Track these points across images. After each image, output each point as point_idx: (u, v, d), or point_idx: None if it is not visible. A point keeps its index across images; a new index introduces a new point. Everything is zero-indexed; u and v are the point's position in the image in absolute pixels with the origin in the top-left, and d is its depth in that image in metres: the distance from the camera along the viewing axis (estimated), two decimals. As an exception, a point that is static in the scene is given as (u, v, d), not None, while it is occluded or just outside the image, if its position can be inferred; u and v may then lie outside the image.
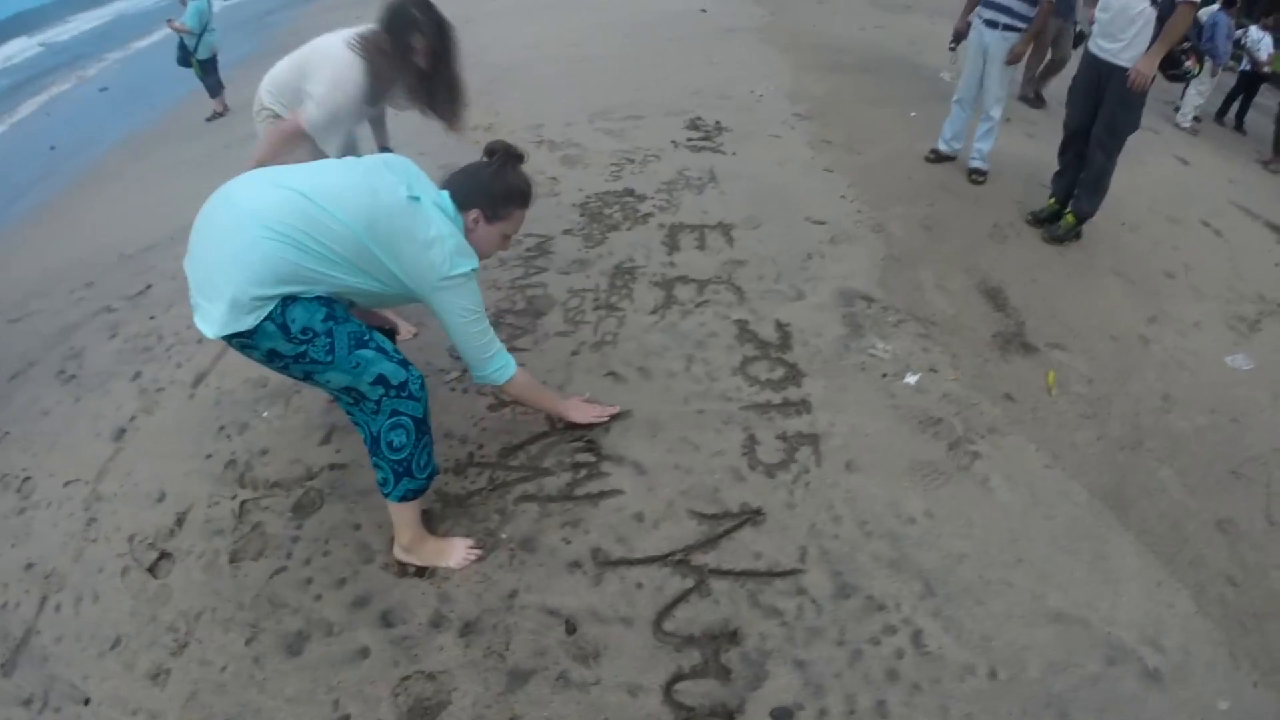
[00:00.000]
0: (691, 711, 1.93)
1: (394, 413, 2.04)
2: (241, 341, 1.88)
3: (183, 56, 8.80)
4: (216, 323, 1.83)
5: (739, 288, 3.58)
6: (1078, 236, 4.66)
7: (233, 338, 1.87)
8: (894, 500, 2.56)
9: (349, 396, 2.05)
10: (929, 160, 5.48)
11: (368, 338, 2.01)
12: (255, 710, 1.97)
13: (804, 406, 2.89)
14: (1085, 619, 2.31)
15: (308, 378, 2.00)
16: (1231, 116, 10.12)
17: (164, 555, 2.38)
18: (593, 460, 2.59)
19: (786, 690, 1.99)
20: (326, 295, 1.96)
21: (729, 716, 1.93)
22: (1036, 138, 6.30)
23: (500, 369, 2.25)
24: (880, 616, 2.19)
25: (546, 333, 3.25)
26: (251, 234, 1.82)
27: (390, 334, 2.68)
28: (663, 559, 2.28)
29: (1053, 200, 4.79)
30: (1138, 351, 3.78)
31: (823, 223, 4.29)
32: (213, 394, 3.05)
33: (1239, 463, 3.24)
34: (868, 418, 2.89)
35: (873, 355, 3.23)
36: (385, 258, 1.96)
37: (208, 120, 8.69)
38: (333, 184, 1.94)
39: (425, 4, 2.73)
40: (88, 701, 2.03)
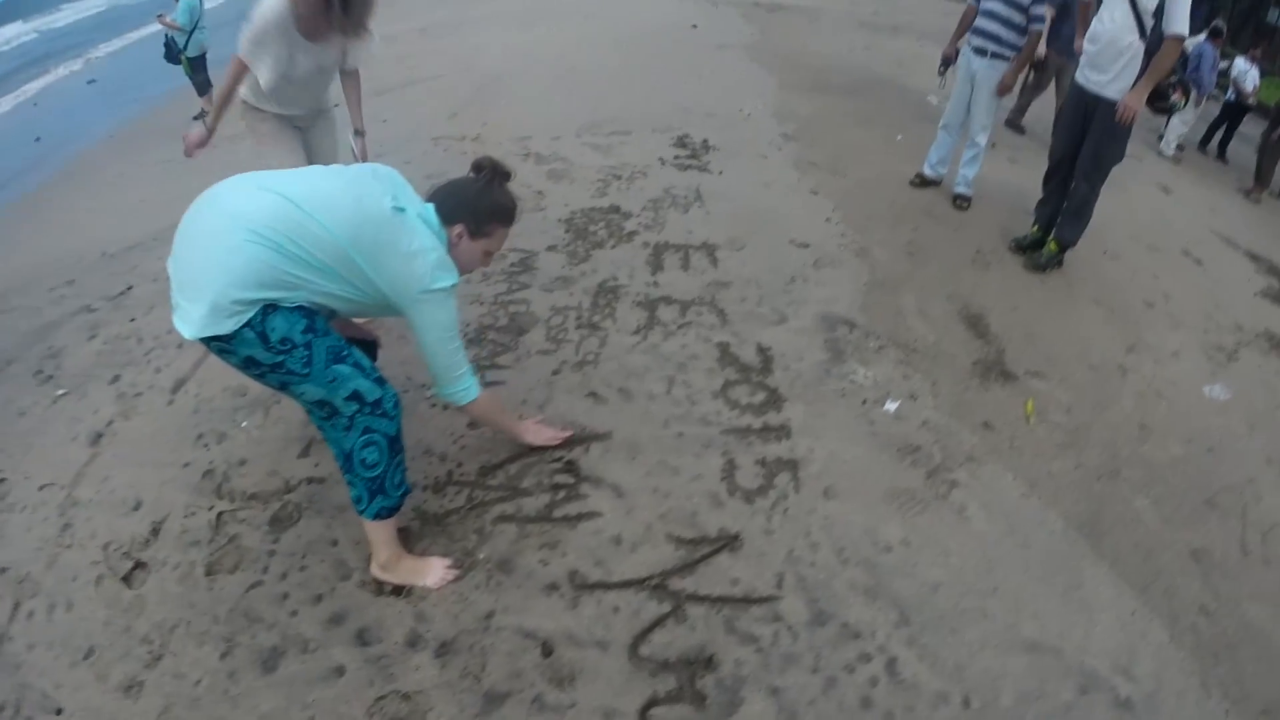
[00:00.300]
0: (666, 737, 1.93)
1: (367, 430, 2.05)
2: (220, 345, 1.88)
3: (170, 53, 8.70)
4: (195, 324, 1.82)
5: (722, 310, 3.60)
6: (1059, 264, 4.70)
7: (211, 341, 1.86)
8: (871, 528, 2.58)
9: (322, 410, 2.04)
10: (914, 185, 5.52)
11: (345, 353, 2.01)
12: (228, 726, 1.96)
13: (784, 432, 2.91)
14: (1059, 648, 2.33)
15: (283, 387, 2.00)
16: (1214, 146, 10.25)
17: (139, 565, 2.35)
18: (572, 482, 2.59)
19: (761, 717, 2.00)
20: (307, 305, 1.95)
21: (704, 743, 1.93)
22: (1020, 163, 6.37)
23: (465, 389, 2.24)
24: (855, 644, 2.21)
25: (528, 350, 3.24)
26: (235, 237, 1.82)
27: (372, 346, 2.68)
28: (640, 583, 2.28)
29: (1036, 228, 4.84)
30: (1116, 380, 3.82)
31: (807, 245, 4.32)
32: (192, 401, 3.02)
33: (1214, 492, 3.27)
34: (847, 444, 2.91)
35: (853, 381, 3.25)
36: (367, 267, 1.96)
37: (195, 118, 8.53)
38: (320, 191, 1.94)
39: None
40: (60, 711, 2.00)
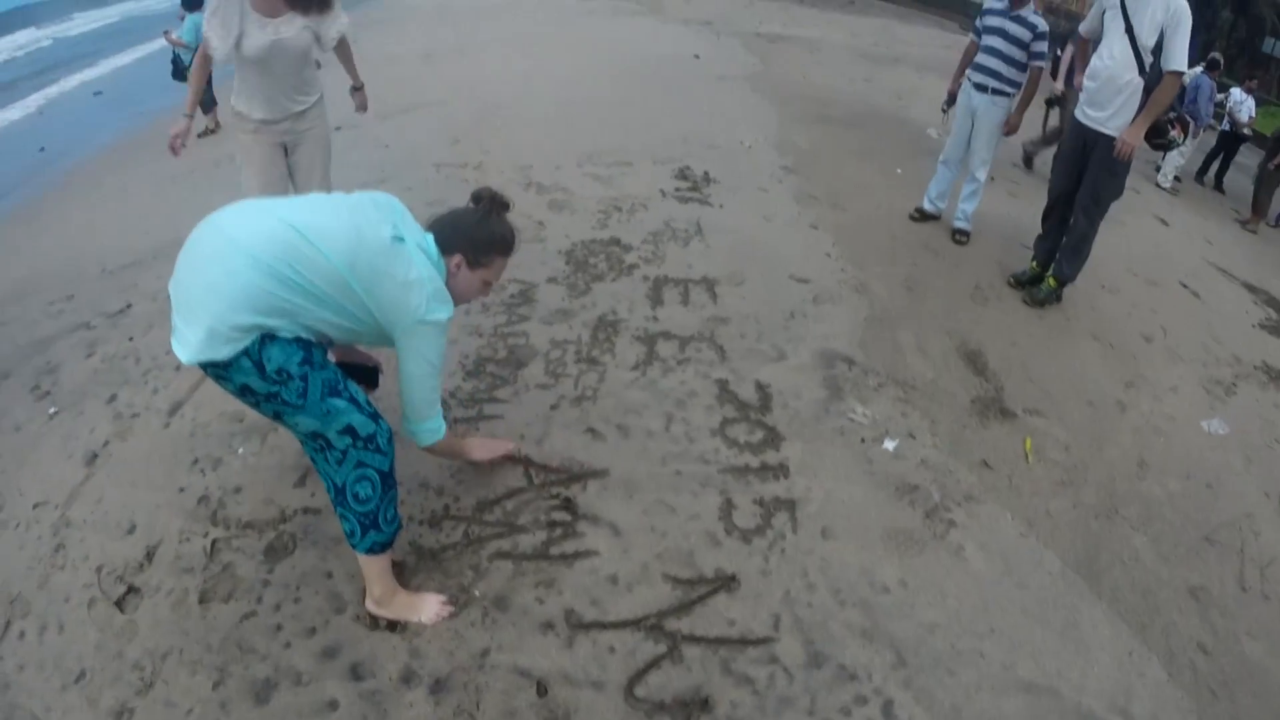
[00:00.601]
0: (661, 781, 1.92)
1: (360, 464, 2.05)
2: (216, 371, 1.89)
3: (176, 70, 8.73)
4: (192, 348, 1.83)
5: (721, 346, 3.61)
6: (1058, 299, 4.72)
7: (208, 366, 1.87)
8: (868, 568, 2.57)
9: (316, 442, 2.04)
10: (913, 219, 5.56)
11: (341, 387, 2.02)
12: (220, 760, 1.94)
13: (782, 471, 2.91)
14: (1056, 689, 2.32)
15: (277, 417, 2.00)
16: (1211, 176, 10.33)
17: (132, 589, 2.34)
18: (569, 519, 2.58)
19: (756, 761, 1.99)
20: (305, 335, 1.96)
21: (699, 786, 1.92)
22: (1019, 197, 6.41)
23: (434, 430, 2.24)
24: (852, 686, 2.20)
25: (527, 384, 3.24)
26: (235, 262, 1.83)
27: (374, 372, 2.69)
28: (636, 623, 2.27)
29: (1035, 263, 4.86)
30: (1114, 417, 3.83)
31: (806, 281, 4.34)
32: (188, 425, 3.01)
33: (1212, 528, 3.28)
34: (845, 484, 2.91)
35: (851, 419, 3.25)
36: (364, 295, 1.97)
37: (199, 136, 8.57)
38: (320, 219, 1.95)
39: None
40: (49, 734, 2.00)
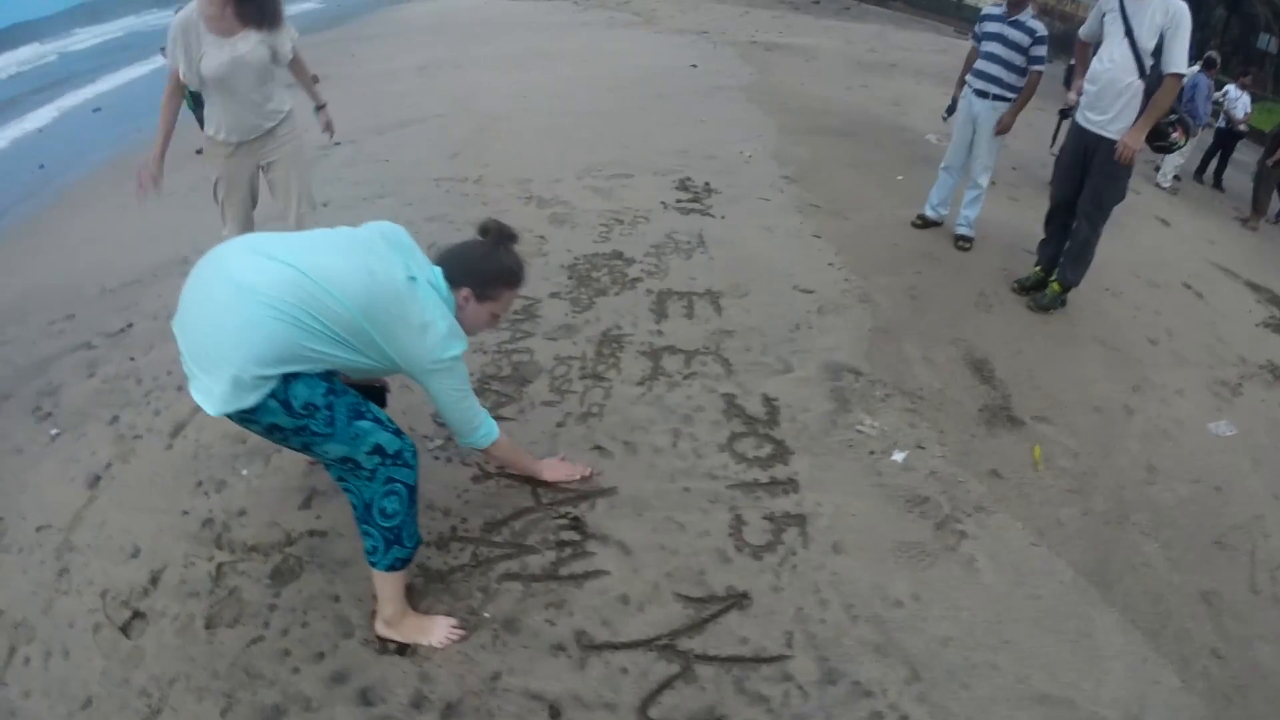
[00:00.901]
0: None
1: (389, 480, 2.06)
2: (243, 416, 1.89)
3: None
4: (218, 400, 1.84)
5: (726, 359, 3.60)
6: (1062, 304, 4.71)
7: (234, 414, 1.88)
8: (880, 583, 2.55)
9: (344, 466, 2.04)
10: (915, 226, 5.56)
11: (364, 409, 2.04)
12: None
13: (791, 486, 2.89)
14: (1070, 699, 2.30)
15: (306, 448, 2.02)
16: (1210, 174, 10.33)
17: (137, 614, 2.32)
18: (578, 539, 2.57)
19: (773, 781, 1.97)
20: (325, 369, 1.97)
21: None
22: (1020, 201, 6.41)
23: (485, 434, 2.33)
24: (867, 703, 2.17)
25: (532, 402, 3.24)
26: (253, 311, 1.82)
27: (382, 393, 2.69)
28: (648, 643, 2.25)
29: (1038, 268, 4.85)
30: (1122, 422, 3.81)
31: (810, 292, 4.33)
32: (191, 446, 3.00)
33: (1222, 532, 3.25)
34: (855, 497, 2.90)
35: (860, 431, 3.24)
36: (380, 338, 1.98)
37: (197, 153, 8.52)
38: (330, 262, 1.95)
39: None
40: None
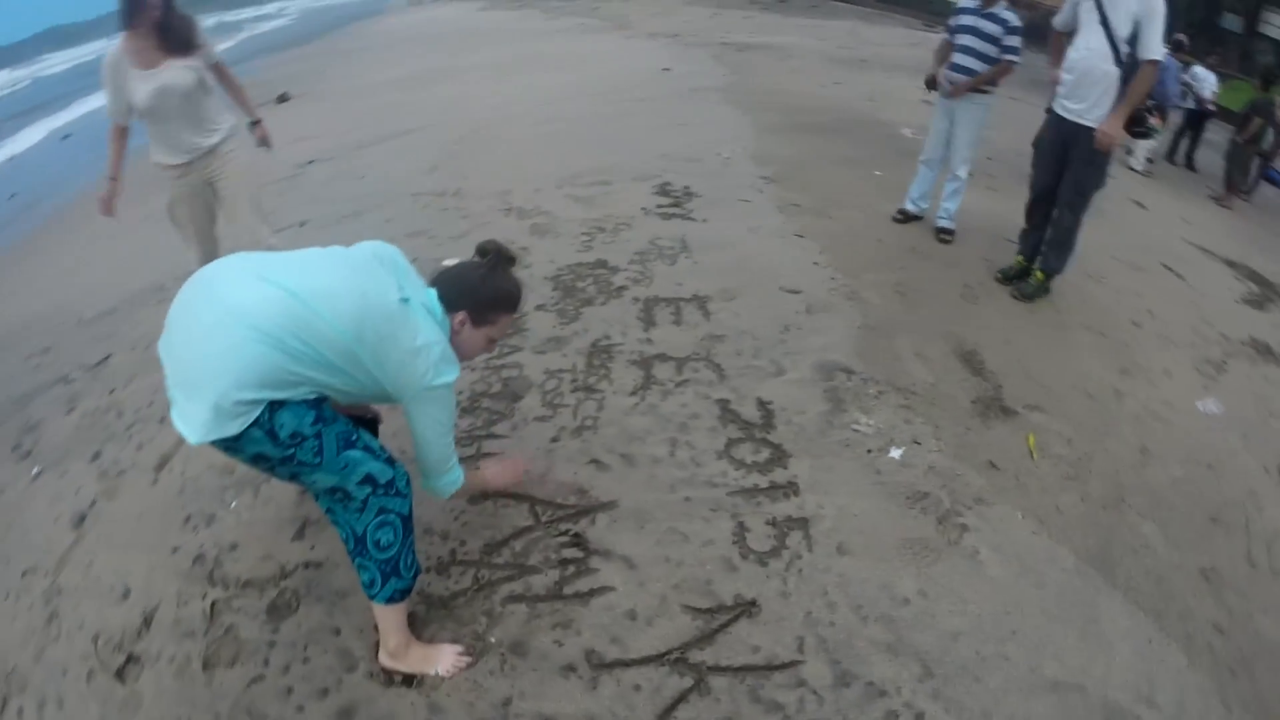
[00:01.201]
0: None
1: (381, 510, 2.01)
2: (226, 444, 1.83)
3: None
4: (199, 428, 1.78)
5: (718, 365, 3.58)
6: (1047, 292, 4.74)
7: (217, 442, 1.82)
8: (887, 582, 2.55)
9: (334, 495, 2.00)
10: (897, 220, 5.58)
11: (355, 437, 1.99)
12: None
13: (792, 489, 2.88)
14: (1081, 685, 2.33)
15: (294, 478, 1.96)
16: (1182, 155, 10.43)
17: (132, 658, 2.28)
18: (581, 555, 2.55)
19: (794, 789, 1.96)
20: (313, 395, 1.92)
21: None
22: (999, 191, 6.44)
23: (451, 483, 2.20)
24: (882, 702, 2.17)
25: (525, 417, 3.21)
26: (237, 334, 1.77)
27: (374, 423, 2.65)
28: (659, 658, 2.23)
29: (1020, 258, 4.87)
30: (1113, 406, 3.83)
31: (798, 292, 4.32)
32: (177, 480, 2.95)
33: (1217, 509, 3.31)
34: (856, 497, 2.89)
35: (856, 430, 3.24)
36: (370, 362, 1.92)
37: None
38: (322, 283, 1.90)
39: None
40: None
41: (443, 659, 2.19)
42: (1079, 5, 4.22)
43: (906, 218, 5.58)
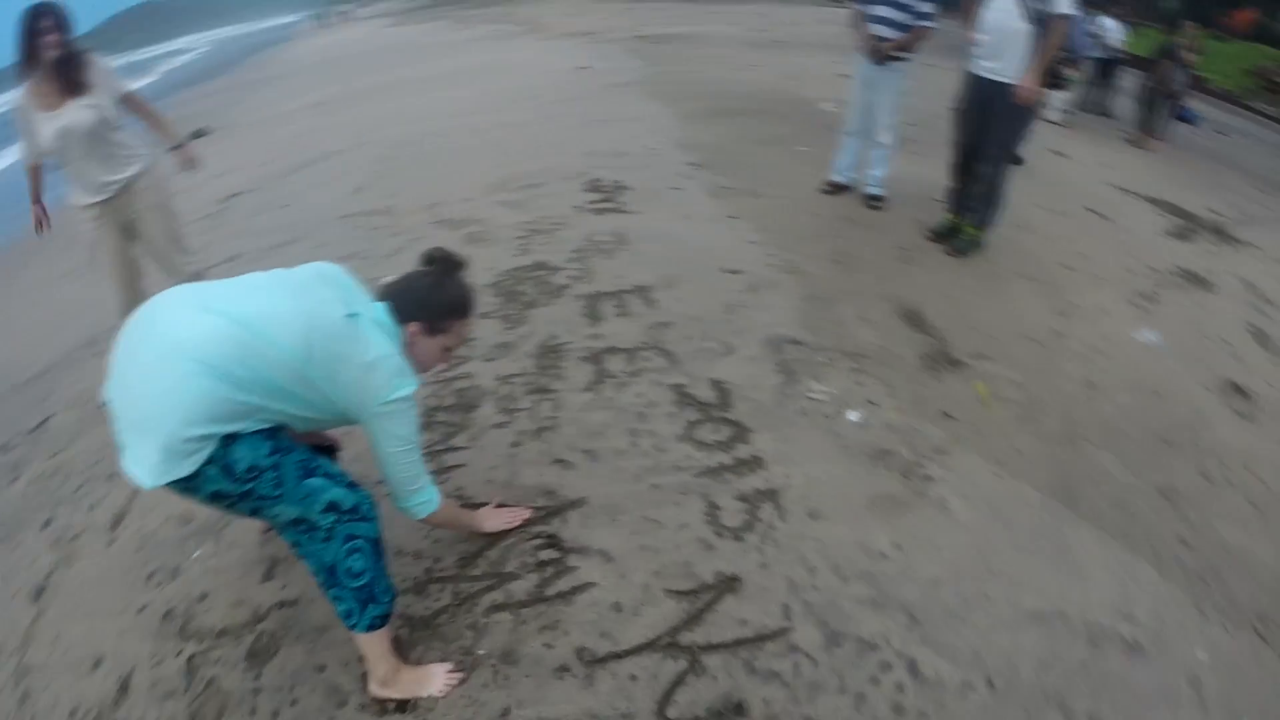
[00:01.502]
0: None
1: (349, 537, 1.96)
2: (182, 485, 1.77)
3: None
4: (151, 471, 1.71)
5: (669, 351, 3.58)
6: (980, 246, 4.85)
7: (171, 484, 1.76)
8: (862, 540, 2.59)
9: (298, 528, 1.95)
10: (826, 192, 5.66)
11: (314, 465, 1.94)
12: None
13: (757, 463, 2.90)
14: (1063, 611, 2.43)
15: (255, 513, 1.91)
16: (1096, 103, 10.73)
17: None
18: (557, 556, 2.52)
19: (802, 750, 1.98)
20: (267, 426, 1.87)
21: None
22: (923, 155, 6.55)
23: (425, 502, 2.16)
24: (874, 656, 2.22)
25: (483, 426, 3.16)
26: (181, 369, 1.71)
27: (332, 450, 2.60)
28: (650, 645, 2.23)
29: (951, 215, 4.99)
30: (1055, 347, 3.95)
31: (738, 272, 4.35)
32: (134, 537, 2.85)
33: (1167, 431, 3.46)
34: (820, 463, 2.92)
35: (811, 398, 3.27)
36: (324, 383, 1.87)
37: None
38: (266, 307, 1.84)
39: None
40: None
41: (434, 679, 2.13)
42: None
43: (836, 189, 5.66)
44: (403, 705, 2.12)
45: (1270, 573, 2.77)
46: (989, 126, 4.54)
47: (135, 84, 3.73)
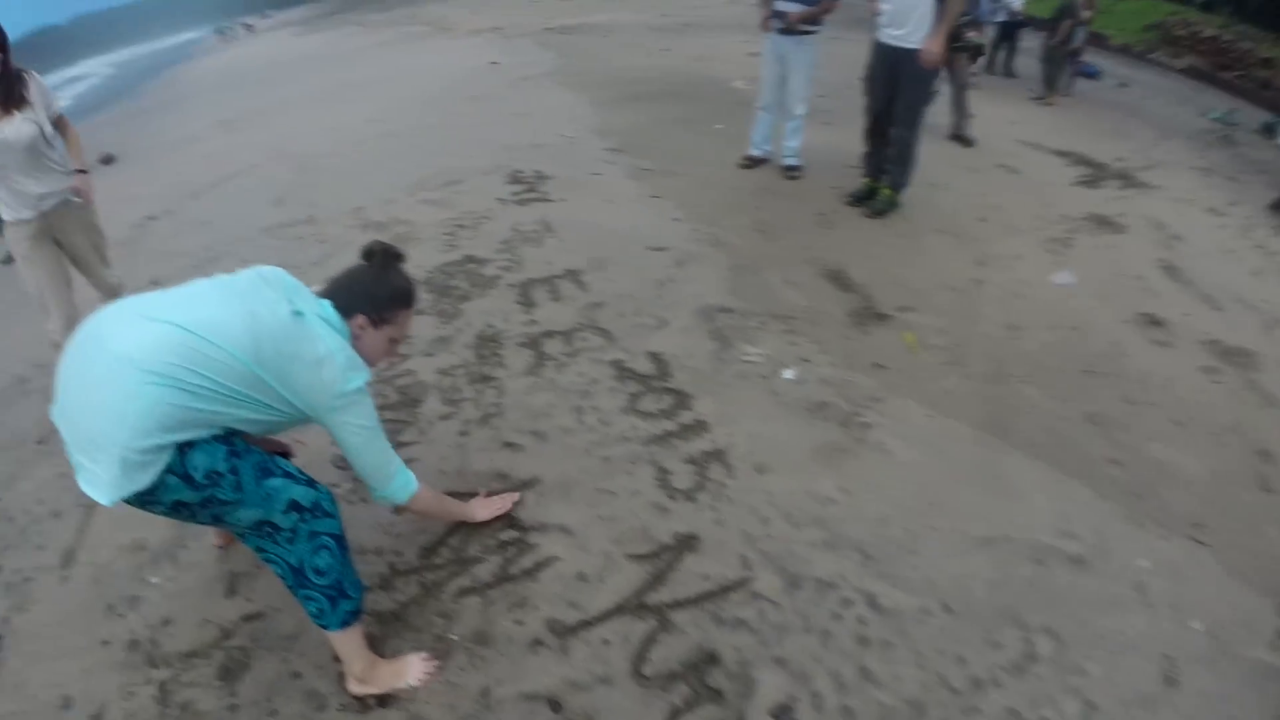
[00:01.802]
0: (697, 742, 1.96)
1: (313, 534, 1.95)
2: (142, 499, 1.74)
3: None
4: (109, 487, 1.68)
5: (604, 329, 3.65)
6: (896, 206, 5.03)
7: (131, 498, 1.73)
8: (809, 488, 2.70)
9: (260, 531, 1.93)
10: (744, 166, 5.77)
11: (271, 465, 1.92)
12: None
13: (701, 426, 2.99)
14: (1008, 535, 2.57)
15: (217, 520, 1.88)
16: (1000, 65, 11.04)
17: None
18: (518, 536, 2.56)
19: (778, 689, 2.07)
20: (222, 432, 1.85)
21: (735, 732, 1.98)
22: (835, 125, 6.71)
23: (402, 486, 2.16)
24: (834, 594, 2.32)
25: (429, 420, 3.17)
26: (129, 381, 1.68)
27: (285, 455, 2.58)
28: (618, 610, 2.29)
29: (867, 179, 5.15)
30: (976, 294, 4.11)
31: (664, 249, 4.43)
32: (88, 571, 2.76)
33: (1089, 362, 3.64)
34: (761, 420, 3.02)
35: (747, 361, 3.37)
36: (276, 383, 1.85)
37: (3, 263, 7.77)
38: (210, 311, 1.82)
39: None
40: None
41: (411, 670, 2.14)
42: None
43: (753, 162, 5.78)
44: (384, 699, 2.11)
45: (1200, 482, 2.94)
46: (898, 92, 4.70)
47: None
